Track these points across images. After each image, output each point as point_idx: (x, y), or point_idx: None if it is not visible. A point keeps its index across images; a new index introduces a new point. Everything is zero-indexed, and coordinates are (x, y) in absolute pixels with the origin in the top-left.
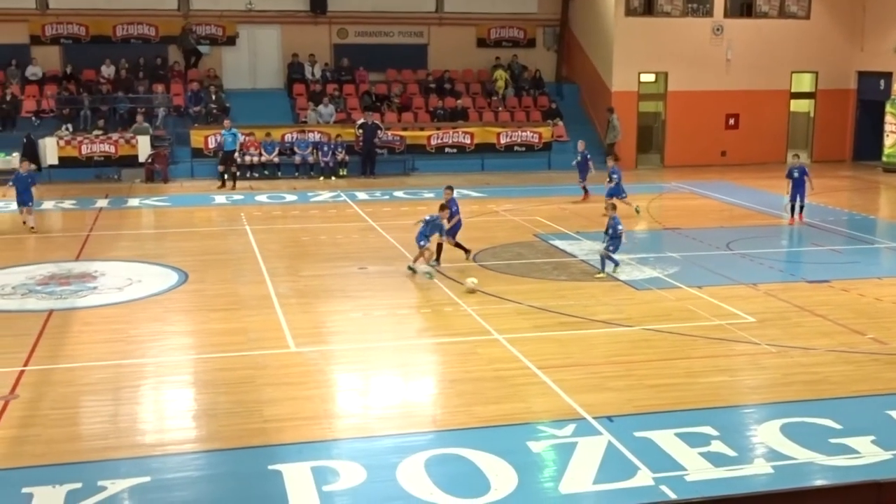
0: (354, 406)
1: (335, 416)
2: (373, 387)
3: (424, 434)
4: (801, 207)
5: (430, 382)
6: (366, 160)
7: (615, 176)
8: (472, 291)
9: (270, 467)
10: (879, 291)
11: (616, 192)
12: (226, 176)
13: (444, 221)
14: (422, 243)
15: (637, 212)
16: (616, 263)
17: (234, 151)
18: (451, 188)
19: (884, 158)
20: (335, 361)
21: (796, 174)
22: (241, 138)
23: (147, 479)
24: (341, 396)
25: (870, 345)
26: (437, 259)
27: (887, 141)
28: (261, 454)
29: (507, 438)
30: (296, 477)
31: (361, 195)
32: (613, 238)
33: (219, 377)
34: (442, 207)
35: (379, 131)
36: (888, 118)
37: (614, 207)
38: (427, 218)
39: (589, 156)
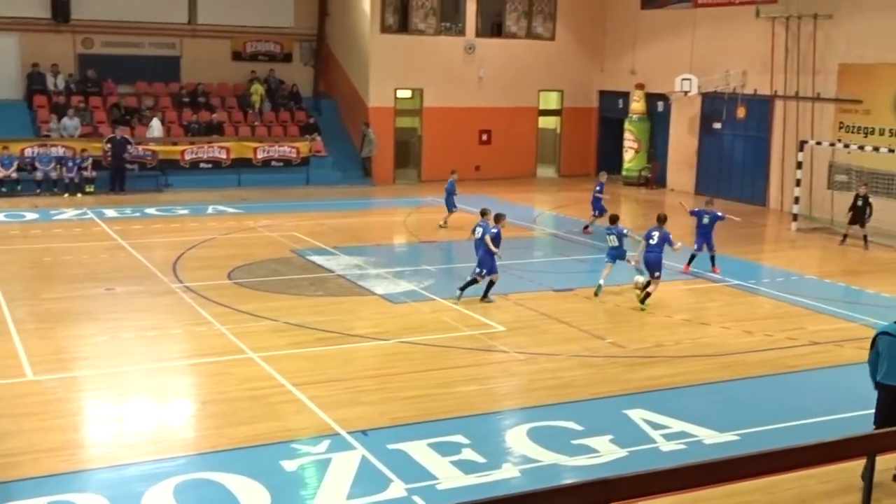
0: (99, 435)
1: (78, 446)
2: (120, 413)
3: (174, 460)
4: (713, 257)
5: (181, 405)
6: (115, 176)
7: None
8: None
9: None
10: (618, 298)
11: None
12: None
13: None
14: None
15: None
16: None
17: None
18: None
19: (623, 172)
20: (78, 389)
21: (706, 220)
22: None
23: None
24: (85, 425)
25: (609, 349)
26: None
27: (626, 156)
28: None
29: (261, 459)
30: None
31: (110, 212)
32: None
33: None
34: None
35: (129, 146)
36: (626, 135)
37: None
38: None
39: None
